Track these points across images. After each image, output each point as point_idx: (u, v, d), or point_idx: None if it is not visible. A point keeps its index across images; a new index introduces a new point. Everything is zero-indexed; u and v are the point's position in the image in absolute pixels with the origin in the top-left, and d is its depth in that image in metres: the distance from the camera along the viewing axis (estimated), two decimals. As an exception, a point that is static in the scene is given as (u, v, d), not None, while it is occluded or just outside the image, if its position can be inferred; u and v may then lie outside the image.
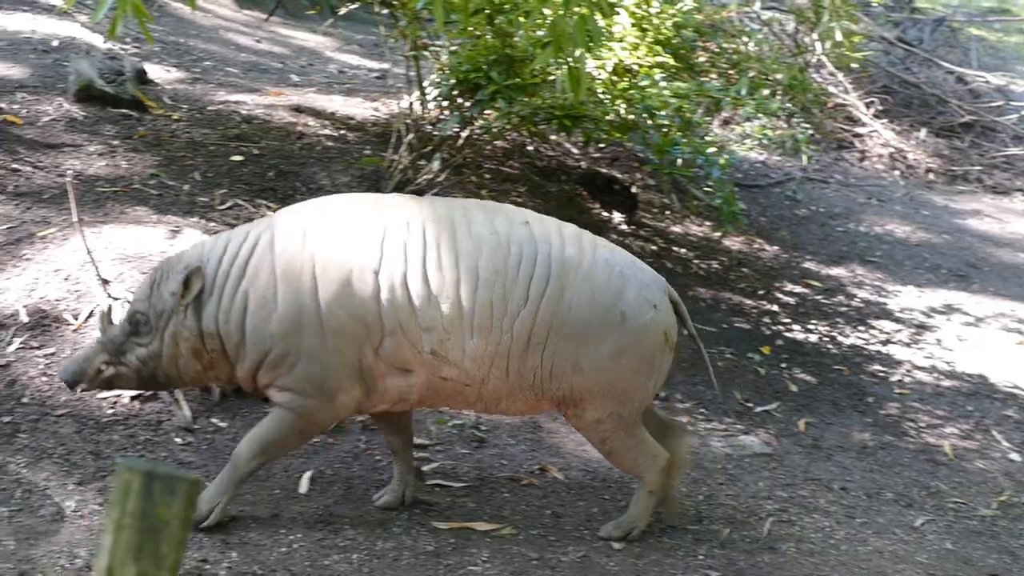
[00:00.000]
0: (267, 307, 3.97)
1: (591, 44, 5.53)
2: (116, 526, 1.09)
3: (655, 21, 6.79)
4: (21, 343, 4.87)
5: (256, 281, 3.99)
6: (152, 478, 1.08)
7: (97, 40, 8.23)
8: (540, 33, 6.17)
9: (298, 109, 7.85)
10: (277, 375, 4.03)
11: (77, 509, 4.12)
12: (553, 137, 7.99)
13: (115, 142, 6.66)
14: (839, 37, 8.02)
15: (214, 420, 4.77)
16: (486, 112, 6.55)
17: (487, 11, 6.16)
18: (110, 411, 4.70)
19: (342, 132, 7.53)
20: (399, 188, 6.53)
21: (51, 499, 4.14)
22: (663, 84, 6.42)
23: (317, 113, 7.86)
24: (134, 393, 4.75)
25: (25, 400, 4.65)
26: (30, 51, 7.88)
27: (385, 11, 7.10)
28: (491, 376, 4.06)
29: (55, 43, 8.06)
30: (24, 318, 4.96)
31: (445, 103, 6.73)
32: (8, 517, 4.00)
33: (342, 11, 8.28)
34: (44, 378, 4.74)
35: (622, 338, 4.11)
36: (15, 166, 6.14)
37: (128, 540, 1.08)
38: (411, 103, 6.83)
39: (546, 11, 6.10)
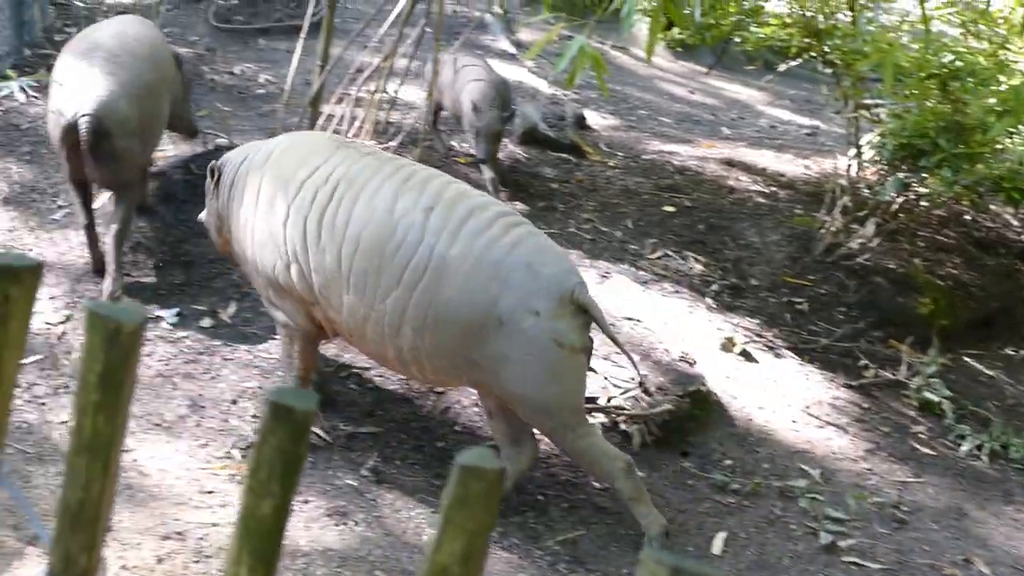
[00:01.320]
0: (232, 214, 4.69)
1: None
2: (638, 614, 1.11)
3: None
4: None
5: (234, 189, 4.68)
6: (678, 573, 1.09)
7: (542, 85, 8.59)
8: (992, 100, 5.90)
9: (729, 163, 7.86)
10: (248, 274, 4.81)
11: (498, 540, 4.27)
12: (993, 207, 7.58)
13: (553, 185, 6.92)
14: None
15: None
16: (928, 179, 6.32)
17: (940, 77, 5.95)
18: (534, 447, 4.85)
19: (772, 189, 7.47)
20: (830, 250, 6.41)
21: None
22: None
23: (748, 168, 7.84)
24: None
25: (457, 428, 4.89)
26: (480, 94, 8.33)
27: (827, 70, 6.99)
28: (368, 334, 4.27)
29: (503, 87, 8.49)
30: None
31: (884, 167, 6.54)
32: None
33: (782, 68, 8.24)
34: (475, 408, 4.95)
35: (502, 344, 4.07)
36: (462, 203, 6.49)
37: (647, 630, 1.10)
38: (848, 165, 6.68)
39: (1003, 78, 5.84)
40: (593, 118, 8.41)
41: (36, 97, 6.73)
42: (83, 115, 5.03)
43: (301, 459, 1.29)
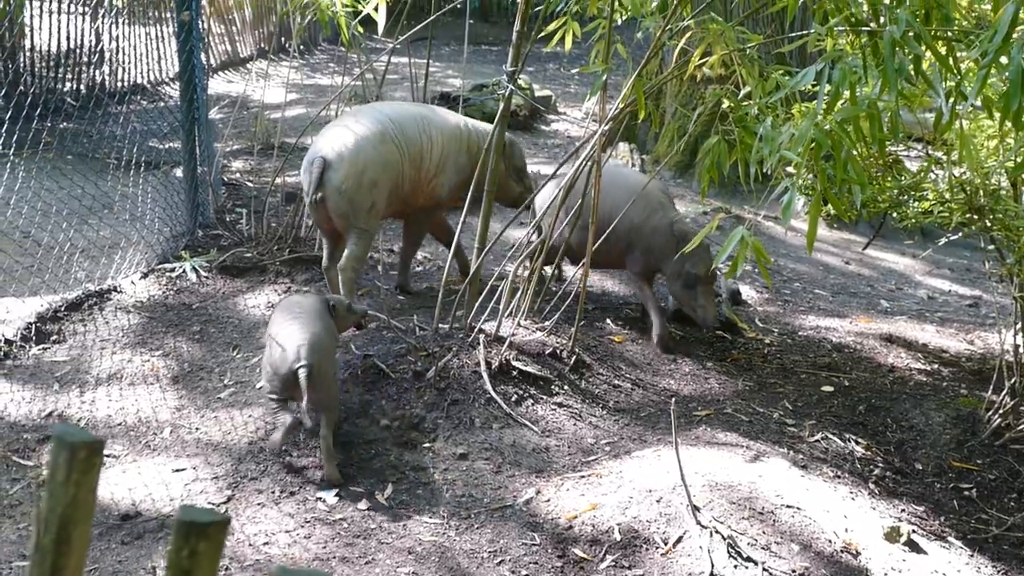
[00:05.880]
0: None
1: None
2: None
3: None
4: (612, 561, 5.03)
5: None
6: None
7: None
8: None
9: (889, 339, 7.71)
10: None
11: None
12: None
13: (709, 364, 6.87)
14: None
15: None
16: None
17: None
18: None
19: (935, 366, 7.29)
20: (998, 433, 6.20)
21: None
22: None
23: (908, 344, 7.68)
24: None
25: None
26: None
27: (990, 246, 6.86)
28: None
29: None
30: (616, 536, 5.14)
31: (1049, 345, 6.34)
32: None
33: (942, 241, 8.11)
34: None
35: None
36: (616, 382, 6.48)
37: None
38: (1016, 343, 6.49)
39: None
40: (747, 292, 8.38)
41: (207, 277, 7.00)
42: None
43: None
